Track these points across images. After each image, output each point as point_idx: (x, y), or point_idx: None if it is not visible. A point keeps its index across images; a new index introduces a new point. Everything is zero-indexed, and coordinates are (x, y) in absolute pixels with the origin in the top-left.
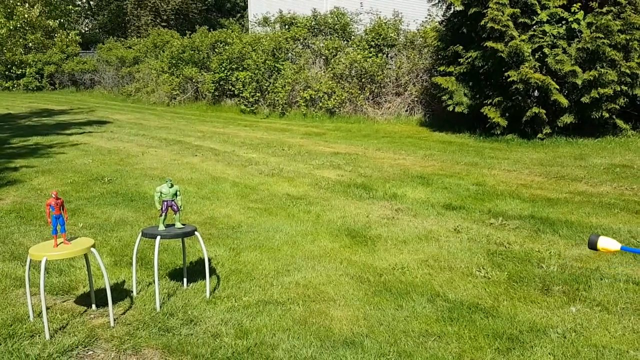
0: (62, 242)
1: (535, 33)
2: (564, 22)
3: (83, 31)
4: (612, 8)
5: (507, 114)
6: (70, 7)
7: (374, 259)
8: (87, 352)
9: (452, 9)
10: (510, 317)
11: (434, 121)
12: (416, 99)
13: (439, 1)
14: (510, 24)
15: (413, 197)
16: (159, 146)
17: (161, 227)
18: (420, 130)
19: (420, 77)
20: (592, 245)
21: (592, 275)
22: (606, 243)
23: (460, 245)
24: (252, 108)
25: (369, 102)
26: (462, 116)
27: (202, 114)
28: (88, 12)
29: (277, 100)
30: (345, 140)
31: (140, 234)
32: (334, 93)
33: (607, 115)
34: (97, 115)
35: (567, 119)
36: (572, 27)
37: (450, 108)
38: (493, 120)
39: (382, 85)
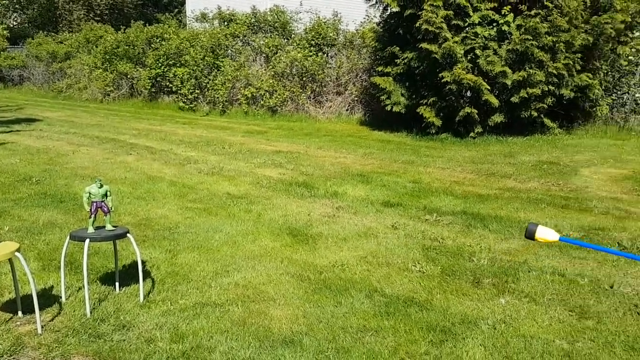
0: None
1: (468, 35)
2: (494, 24)
3: (11, 25)
4: (540, 11)
5: (441, 114)
6: None
7: (315, 257)
8: None
9: (389, 11)
10: (443, 309)
11: (374, 120)
12: (356, 98)
13: (376, 2)
14: (444, 25)
15: (353, 195)
16: (91, 144)
17: (90, 230)
18: (361, 129)
19: (360, 76)
20: (530, 235)
21: (520, 268)
22: (544, 233)
23: (398, 241)
24: (191, 105)
25: (310, 100)
26: (400, 115)
27: (138, 111)
28: (17, 6)
29: (217, 97)
30: (287, 138)
31: (69, 236)
32: (276, 91)
33: (535, 114)
34: (26, 113)
35: (498, 118)
36: (503, 29)
37: (389, 108)
38: (428, 120)
39: (323, 84)
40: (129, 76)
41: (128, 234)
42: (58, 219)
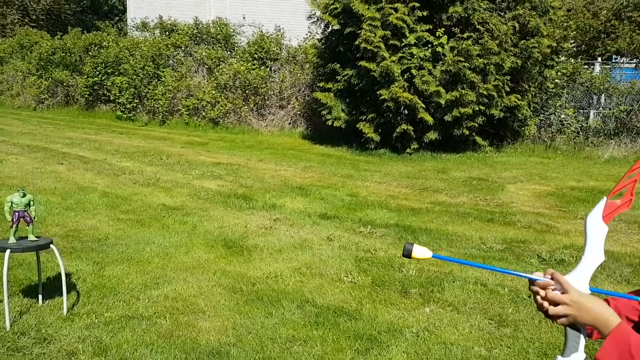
0: None
1: (405, 55)
2: (429, 45)
3: None
4: (472, 34)
5: (380, 130)
6: None
7: (249, 268)
8: None
9: (330, 28)
10: (371, 318)
11: (316, 134)
12: (299, 112)
13: (317, 19)
14: (382, 45)
15: (291, 207)
16: (20, 153)
17: (12, 240)
18: (302, 142)
19: (303, 91)
20: (407, 254)
21: (446, 278)
22: (419, 252)
23: (332, 252)
24: (129, 115)
25: (253, 113)
26: (340, 130)
27: (73, 119)
28: None
29: (157, 107)
30: (228, 150)
31: None
32: (218, 103)
33: (467, 132)
34: None
35: (432, 135)
36: (437, 50)
37: (330, 122)
38: (368, 135)
39: (266, 97)
40: (64, 84)
41: (51, 245)
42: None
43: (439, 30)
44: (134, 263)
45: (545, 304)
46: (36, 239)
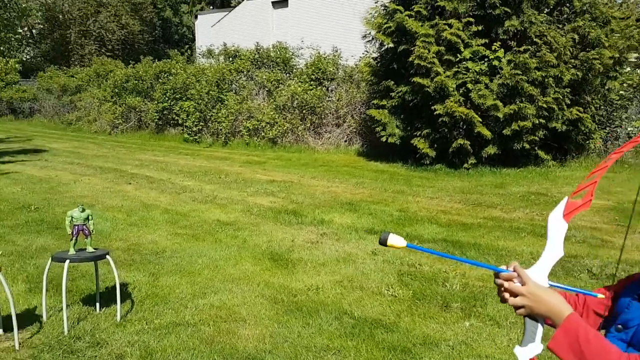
0: None
1: (460, 69)
2: (486, 59)
3: (24, 59)
4: (529, 47)
5: (435, 145)
6: (11, 35)
7: (292, 280)
8: None
9: (384, 46)
10: (408, 331)
11: (371, 151)
12: (354, 130)
13: (372, 39)
14: (436, 61)
15: (339, 223)
16: (93, 174)
17: (72, 251)
18: (357, 159)
19: (358, 109)
20: (383, 242)
21: (490, 294)
22: (394, 240)
23: (375, 266)
24: (195, 137)
25: (309, 132)
26: (395, 147)
27: (144, 142)
28: (30, 41)
29: (220, 129)
30: (284, 168)
31: (51, 258)
32: (276, 123)
33: (527, 146)
34: (34, 144)
35: (491, 149)
36: (494, 64)
37: (384, 139)
38: (423, 151)
39: (322, 116)
40: (137, 109)
41: (107, 256)
42: (51, 244)
43: (495, 44)
44: (185, 274)
45: (507, 294)
46: (94, 250)
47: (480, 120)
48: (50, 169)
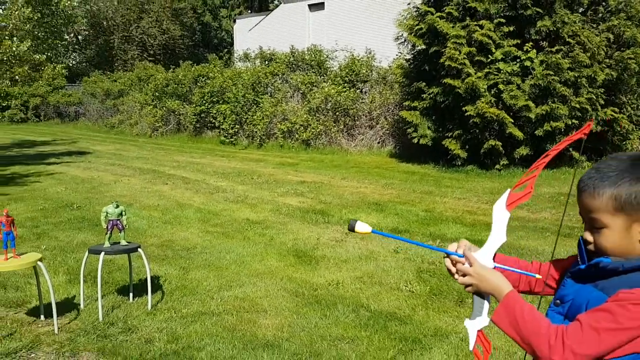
0: (12, 256)
1: (491, 70)
2: (517, 60)
3: (70, 64)
4: (562, 47)
5: (467, 146)
6: (58, 41)
7: (314, 276)
8: (29, 355)
9: (416, 48)
10: (421, 324)
11: (403, 153)
12: (387, 131)
13: (404, 40)
14: (467, 62)
15: (365, 222)
16: (132, 175)
17: (106, 244)
18: (389, 161)
19: (392, 111)
20: (351, 229)
21: None
22: (361, 227)
23: (396, 264)
24: (231, 139)
25: (343, 134)
26: (427, 148)
27: (183, 145)
28: (76, 46)
29: (256, 131)
30: (316, 170)
31: (87, 251)
32: (310, 125)
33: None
34: (78, 146)
35: (523, 150)
36: (526, 64)
37: (415, 140)
38: (454, 152)
39: (355, 118)
40: (176, 112)
41: (139, 249)
42: (91, 240)
43: (527, 44)
44: (213, 269)
45: (457, 275)
46: (127, 243)
47: (512, 121)
48: (93, 170)
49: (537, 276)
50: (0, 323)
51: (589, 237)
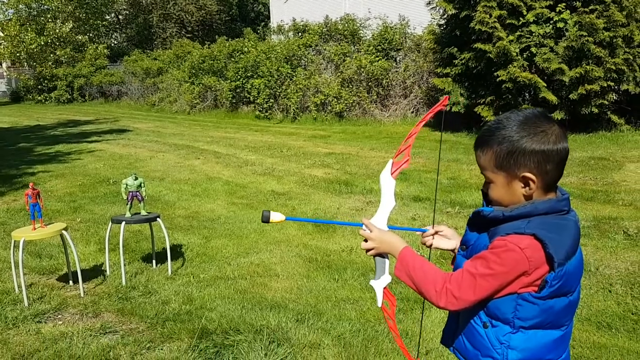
0: (39, 226)
1: (523, 33)
2: (550, 21)
3: (112, 44)
4: (597, 7)
5: (500, 112)
6: (99, 21)
7: (329, 243)
8: (57, 315)
9: (447, 13)
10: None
11: (436, 121)
12: (421, 100)
13: (435, 5)
14: (498, 25)
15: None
16: (167, 151)
17: (127, 215)
18: (422, 130)
19: (425, 79)
20: (266, 220)
21: None
22: (275, 217)
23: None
24: (266, 114)
25: (376, 104)
26: (460, 115)
27: (220, 121)
28: (117, 26)
29: (290, 105)
30: (346, 142)
31: (110, 221)
32: (342, 97)
33: (596, 110)
34: (120, 125)
35: (558, 115)
36: (559, 26)
37: (448, 108)
38: (486, 119)
39: (388, 87)
40: (212, 89)
41: (158, 219)
42: (123, 212)
43: (559, 5)
44: (234, 237)
45: (362, 242)
46: (147, 214)
47: (545, 85)
48: (131, 147)
49: (423, 230)
50: (32, 288)
51: (485, 188)
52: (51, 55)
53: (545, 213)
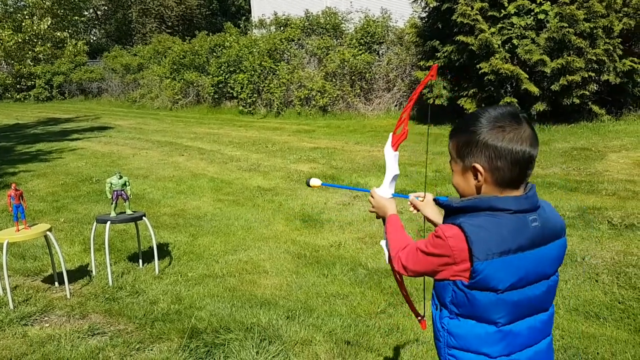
0: (23, 228)
1: (504, 25)
2: (531, 13)
3: (91, 40)
4: None
5: (483, 105)
6: (77, 17)
7: (317, 238)
8: (43, 318)
9: (429, 5)
10: (414, 280)
11: (420, 114)
12: (404, 93)
13: None
14: (479, 17)
15: (374, 185)
16: (150, 148)
17: (112, 214)
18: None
19: (408, 72)
20: (308, 184)
21: None
22: (315, 182)
23: None
24: (249, 109)
25: (359, 98)
26: (443, 108)
27: (202, 116)
28: (95, 22)
29: (273, 100)
30: (331, 136)
31: (95, 221)
32: (326, 91)
33: (577, 101)
34: (101, 122)
35: (540, 106)
36: (540, 17)
37: (430, 101)
38: (469, 111)
39: (372, 81)
40: (194, 84)
41: (144, 218)
42: (107, 211)
43: None
44: (221, 235)
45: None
46: (132, 212)
47: (527, 76)
48: (113, 145)
49: (406, 196)
50: (17, 290)
51: None
52: (30, 52)
53: (490, 208)
